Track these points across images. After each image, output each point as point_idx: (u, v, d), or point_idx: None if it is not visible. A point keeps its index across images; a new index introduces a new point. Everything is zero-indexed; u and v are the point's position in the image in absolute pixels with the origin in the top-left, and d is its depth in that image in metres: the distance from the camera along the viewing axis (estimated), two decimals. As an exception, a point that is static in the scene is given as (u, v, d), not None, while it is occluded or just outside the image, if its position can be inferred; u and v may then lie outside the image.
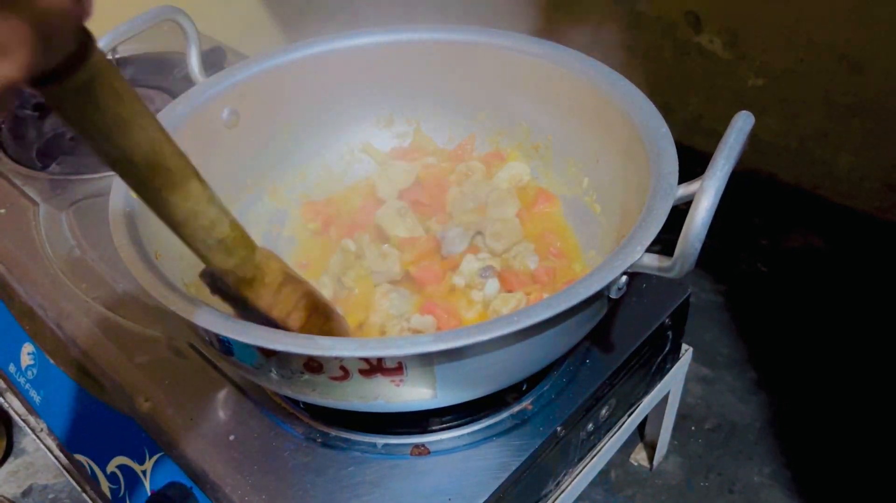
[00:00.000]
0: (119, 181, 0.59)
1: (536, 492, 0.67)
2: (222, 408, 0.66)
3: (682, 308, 0.76)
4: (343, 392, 0.52)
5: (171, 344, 0.72)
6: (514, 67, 0.74)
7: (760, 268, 1.28)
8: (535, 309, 0.47)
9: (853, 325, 1.16)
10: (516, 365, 0.54)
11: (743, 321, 1.19)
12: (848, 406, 1.05)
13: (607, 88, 0.66)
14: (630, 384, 0.74)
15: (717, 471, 0.99)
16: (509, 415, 0.64)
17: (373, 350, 0.47)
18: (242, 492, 0.59)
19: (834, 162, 1.35)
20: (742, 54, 1.37)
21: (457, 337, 0.46)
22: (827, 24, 1.23)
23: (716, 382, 1.10)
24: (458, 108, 0.81)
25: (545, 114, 0.75)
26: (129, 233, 0.56)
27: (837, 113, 1.30)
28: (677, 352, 0.81)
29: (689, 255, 0.46)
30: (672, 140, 0.58)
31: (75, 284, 0.79)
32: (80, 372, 0.74)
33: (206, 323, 0.48)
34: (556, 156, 0.76)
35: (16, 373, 0.83)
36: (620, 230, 0.64)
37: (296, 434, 0.63)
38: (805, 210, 1.38)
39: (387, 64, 0.79)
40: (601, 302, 0.54)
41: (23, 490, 1.04)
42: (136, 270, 0.52)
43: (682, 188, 0.52)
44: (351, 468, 0.60)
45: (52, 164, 0.96)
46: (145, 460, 0.67)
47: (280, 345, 0.47)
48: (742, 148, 0.48)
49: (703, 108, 1.48)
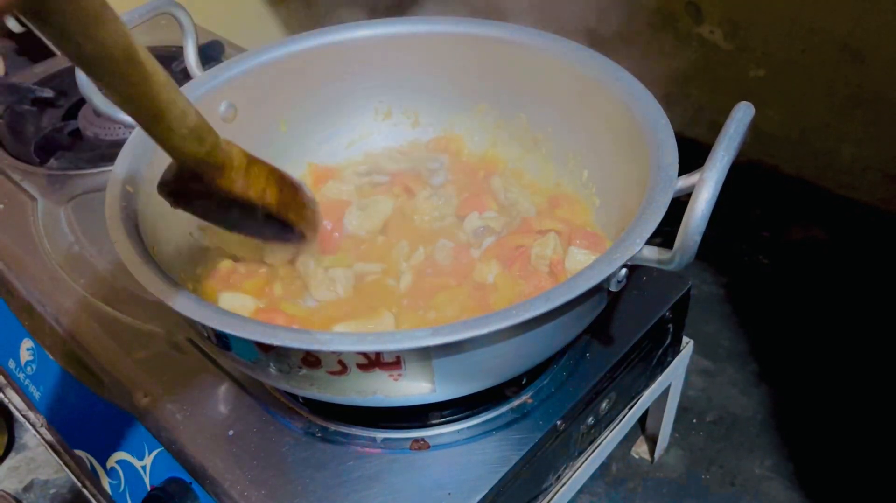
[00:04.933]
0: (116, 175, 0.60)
1: (537, 485, 0.66)
2: (221, 403, 0.66)
3: (683, 300, 0.75)
4: (341, 386, 0.52)
5: (169, 339, 0.72)
6: (513, 59, 0.74)
7: (762, 260, 1.28)
8: (534, 302, 0.46)
9: (855, 317, 1.15)
10: (515, 359, 0.54)
11: (744, 313, 1.18)
12: (849, 398, 1.04)
13: (607, 80, 0.66)
14: (631, 377, 0.73)
15: (718, 464, 0.99)
16: (509, 409, 0.64)
17: (371, 344, 0.46)
18: (242, 487, 0.59)
19: (836, 153, 1.34)
20: (743, 45, 1.36)
21: (455, 331, 0.46)
22: (828, 15, 1.23)
23: (717, 375, 1.10)
24: (457, 100, 0.80)
25: (545, 106, 0.75)
26: (125, 228, 0.55)
27: (839, 104, 1.29)
28: (678, 344, 0.81)
29: (688, 248, 0.45)
30: (672, 131, 0.57)
31: (74, 280, 0.79)
32: (80, 367, 0.74)
33: (204, 318, 0.48)
34: (556, 148, 0.76)
35: (15, 368, 0.83)
36: (620, 222, 0.64)
37: (295, 429, 0.63)
38: (807, 201, 1.38)
39: (385, 57, 0.78)
40: (601, 295, 0.54)
41: (24, 485, 1.05)
42: (134, 266, 0.52)
43: (682, 180, 0.52)
44: (350, 462, 0.60)
45: (50, 160, 0.96)
46: (145, 456, 0.67)
47: (277, 340, 0.46)
48: (742, 139, 0.47)
49: (704, 99, 1.48)
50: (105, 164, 0.94)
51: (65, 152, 0.97)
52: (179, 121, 0.45)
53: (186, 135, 0.47)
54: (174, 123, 0.45)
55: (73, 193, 0.91)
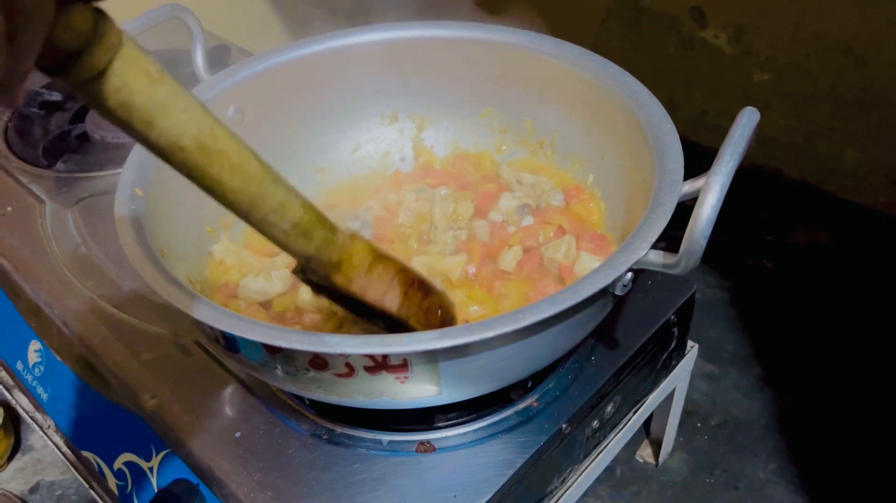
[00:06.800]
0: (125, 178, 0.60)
1: (542, 488, 0.67)
2: (228, 405, 0.66)
3: (688, 304, 0.76)
4: (348, 389, 0.52)
5: (176, 341, 0.72)
6: (518, 64, 0.74)
7: (766, 263, 1.28)
8: (540, 306, 0.46)
9: (859, 321, 1.15)
10: (521, 362, 0.54)
11: (748, 317, 1.18)
12: (853, 402, 1.04)
13: (612, 84, 0.66)
14: (635, 381, 0.73)
15: (722, 468, 0.99)
16: (514, 412, 0.64)
17: (378, 347, 0.47)
18: (248, 488, 0.59)
19: (840, 157, 1.34)
20: (747, 49, 1.36)
21: (461, 334, 0.46)
22: (832, 19, 1.23)
23: (721, 379, 1.10)
24: (463, 104, 0.81)
25: (550, 110, 0.75)
26: (134, 230, 0.56)
27: (843, 108, 1.29)
28: (683, 348, 0.81)
29: (694, 252, 0.46)
30: (677, 136, 0.57)
31: (81, 282, 0.80)
32: (87, 369, 0.74)
33: (212, 320, 0.48)
34: (561, 152, 0.76)
35: (23, 370, 0.84)
36: (625, 226, 0.64)
37: (301, 431, 0.64)
38: (811, 205, 1.38)
39: (391, 60, 0.79)
40: (606, 298, 0.54)
41: (30, 486, 1.05)
42: (142, 268, 0.52)
43: (688, 184, 0.52)
44: (356, 465, 0.61)
45: (57, 162, 0.97)
46: (152, 457, 0.67)
47: (285, 342, 0.47)
48: (748, 144, 0.47)
49: (708, 103, 1.48)
50: (112, 167, 0.94)
51: (72, 155, 0.98)
52: (277, 215, 0.41)
53: (288, 230, 0.42)
54: (270, 217, 0.40)
55: (81, 196, 0.91)
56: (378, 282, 0.50)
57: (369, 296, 0.50)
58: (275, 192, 0.40)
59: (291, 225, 0.42)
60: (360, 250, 0.49)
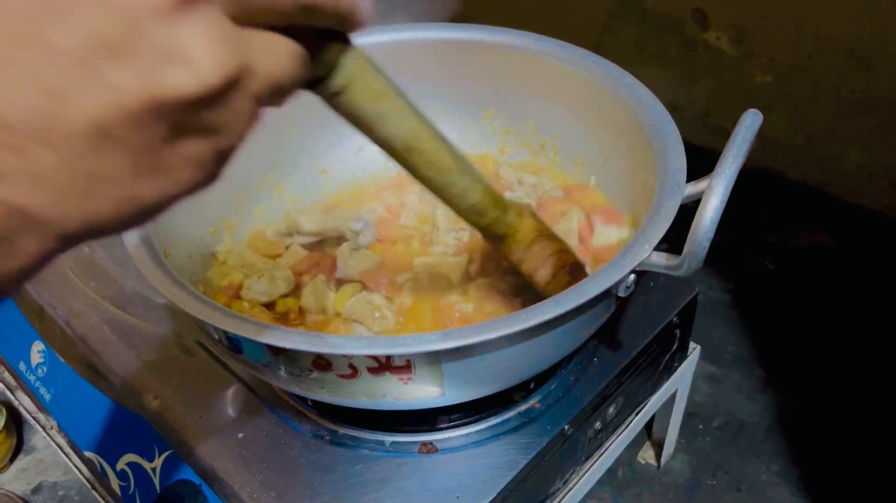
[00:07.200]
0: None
1: (544, 489, 0.67)
2: (231, 405, 0.66)
3: (690, 306, 0.76)
4: (351, 390, 0.52)
5: (179, 342, 0.72)
6: (521, 65, 0.74)
7: (768, 265, 1.28)
8: (543, 307, 0.47)
9: (861, 323, 1.15)
10: (524, 363, 0.54)
11: (750, 319, 1.18)
12: (855, 404, 1.04)
13: (614, 86, 0.66)
14: (637, 382, 0.74)
15: (724, 470, 0.99)
16: (517, 414, 0.64)
17: (381, 348, 0.47)
18: (251, 489, 0.59)
19: (842, 159, 1.35)
20: (749, 51, 1.37)
21: (464, 335, 0.46)
22: (835, 20, 1.23)
23: (723, 380, 1.10)
24: (465, 106, 0.81)
25: (552, 112, 0.75)
26: (138, 231, 0.56)
27: (845, 109, 1.29)
28: (685, 350, 0.81)
29: (697, 254, 0.46)
30: (679, 137, 0.57)
31: (84, 283, 0.80)
32: (90, 370, 0.75)
33: (216, 321, 0.49)
34: (563, 153, 0.76)
35: (26, 370, 0.84)
36: (628, 228, 0.64)
37: (304, 432, 0.64)
38: (813, 207, 1.38)
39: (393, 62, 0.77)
40: (609, 300, 0.54)
41: (32, 487, 1.05)
42: (146, 268, 0.52)
43: (690, 186, 0.52)
44: (359, 466, 0.61)
45: (60, 163, 0.97)
46: (155, 458, 0.67)
47: (288, 343, 0.47)
48: (750, 146, 0.48)
49: (711, 105, 1.48)
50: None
51: (75, 156, 0.98)
52: (459, 199, 0.49)
53: (465, 209, 0.50)
54: (454, 200, 0.49)
55: (84, 197, 0.91)
56: (534, 259, 0.56)
57: (524, 267, 0.57)
58: (458, 182, 0.48)
59: (470, 206, 0.50)
60: (526, 228, 0.56)
